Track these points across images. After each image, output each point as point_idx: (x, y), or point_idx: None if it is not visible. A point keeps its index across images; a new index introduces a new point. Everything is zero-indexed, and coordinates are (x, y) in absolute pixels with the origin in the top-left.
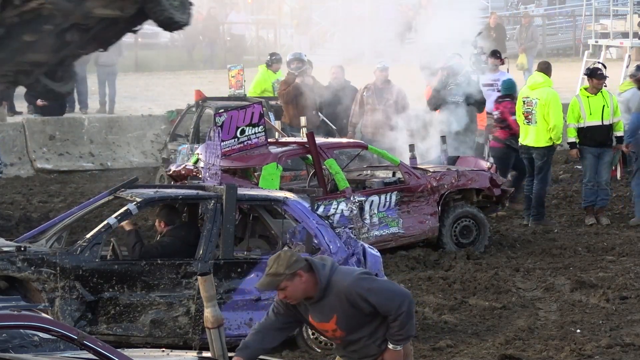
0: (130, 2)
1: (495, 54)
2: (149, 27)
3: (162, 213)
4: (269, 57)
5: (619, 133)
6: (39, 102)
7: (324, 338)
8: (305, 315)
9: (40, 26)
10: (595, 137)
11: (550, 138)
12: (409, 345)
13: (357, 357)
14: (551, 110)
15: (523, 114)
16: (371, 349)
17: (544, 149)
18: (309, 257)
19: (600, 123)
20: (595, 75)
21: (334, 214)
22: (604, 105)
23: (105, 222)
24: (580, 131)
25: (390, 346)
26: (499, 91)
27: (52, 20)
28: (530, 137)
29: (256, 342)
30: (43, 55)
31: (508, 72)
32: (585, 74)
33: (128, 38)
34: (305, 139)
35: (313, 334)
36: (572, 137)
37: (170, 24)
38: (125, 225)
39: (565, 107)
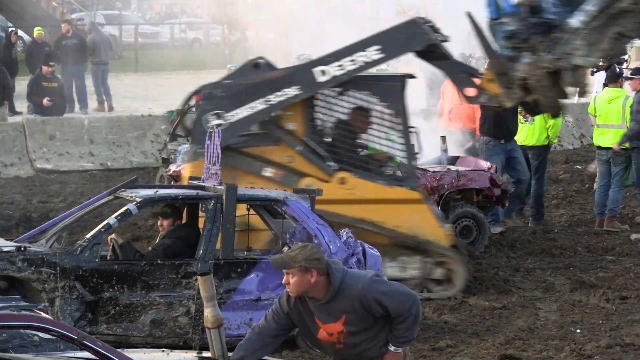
0: None
1: None
2: (149, 27)
3: (163, 213)
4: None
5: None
6: (45, 101)
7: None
8: (310, 317)
9: None
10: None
11: (548, 137)
12: (406, 348)
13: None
14: None
15: (521, 112)
16: (372, 351)
17: (540, 148)
18: (330, 263)
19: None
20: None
21: None
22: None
23: (105, 222)
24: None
25: (392, 348)
26: None
27: None
28: (527, 136)
29: (249, 351)
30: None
31: None
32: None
33: (128, 38)
34: None
35: None
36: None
37: None
38: (116, 237)
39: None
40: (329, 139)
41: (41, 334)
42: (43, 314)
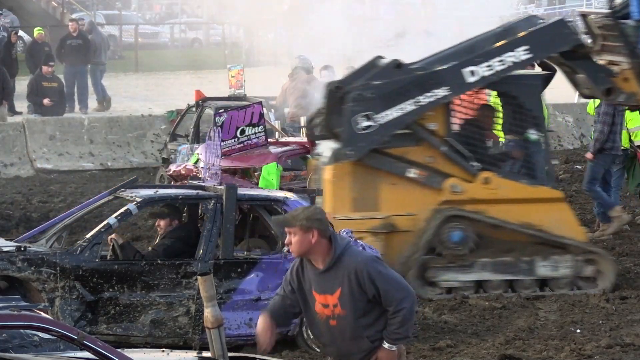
0: None
1: None
2: (149, 27)
3: (163, 213)
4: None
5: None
6: (46, 101)
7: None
8: (308, 287)
9: None
10: None
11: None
12: (402, 347)
13: (348, 351)
14: None
15: None
16: (364, 343)
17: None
18: (335, 232)
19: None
20: None
21: None
22: None
23: (105, 222)
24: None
25: (386, 345)
26: None
27: None
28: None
29: (276, 312)
30: None
31: None
32: None
33: (128, 38)
34: (305, 139)
35: None
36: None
37: None
38: (116, 237)
39: (563, 106)
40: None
41: (41, 334)
42: (43, 314)
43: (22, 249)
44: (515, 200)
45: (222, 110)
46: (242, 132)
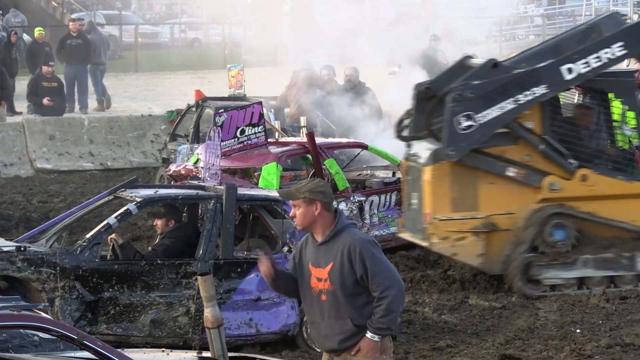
0: None
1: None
2: (149, 27)
3: (163, 213)
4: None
5: None
6: (45, 101)
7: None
8: (307, 262)
9: None
10: None
11: None
12: (387, 342)
13: (329, 332)
14: None
15: None
16: (346, 324)
17: None
18: (342, 211)
19: None
20: None
21: None
22: None
23: (105, 222)
24: None
25: (368, 335)
26: None
27: None
28: None
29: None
30: None
31: None
32: None
33: (128, 38)
34: (305, 139)
35: None
36: None
37: None
38: (116, 237)
39: None
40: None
41: (41, 334)
42: (43, 314)
43: (22, 249)
44: (612, 196)
45: (222, 110)
46: (242, 132)
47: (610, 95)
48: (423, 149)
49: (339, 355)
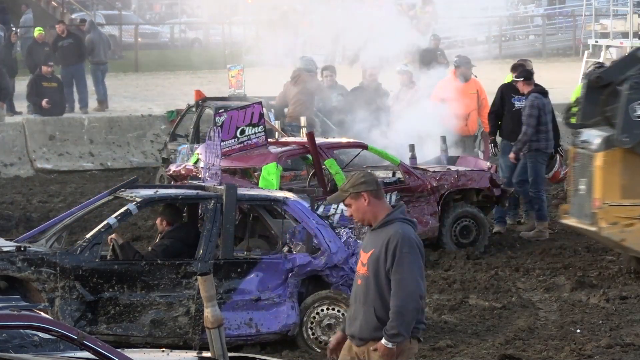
0: None
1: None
2: (149, 27)
3: (163, 213)
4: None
5: None
6: (44, 103)
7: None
8: (362, 245)
9: None
10: None
11: None
12: (406, 345)
13: (355, 317)
14: None
15: None
16: (369, 313)
17: None
18: (397, 205)
19: None
20: None
21: (334, 214)
22: None
23: (105, 222)
24: None
25: (383, 340)
26: None
27: None
28: None
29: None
30: None
31: None
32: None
33: (128, 38)
34: (305, 139)
35: (313, 334)
36: None
37: None
38: (116, 237)
39: (562, 106)
40: None
41: (41, 334)
42: (43, 314)
43: (22, 249)
44: None
45: (222, 110)
46: (242, 132)
47: None
48: (593, 136)
49: (358, 347)
